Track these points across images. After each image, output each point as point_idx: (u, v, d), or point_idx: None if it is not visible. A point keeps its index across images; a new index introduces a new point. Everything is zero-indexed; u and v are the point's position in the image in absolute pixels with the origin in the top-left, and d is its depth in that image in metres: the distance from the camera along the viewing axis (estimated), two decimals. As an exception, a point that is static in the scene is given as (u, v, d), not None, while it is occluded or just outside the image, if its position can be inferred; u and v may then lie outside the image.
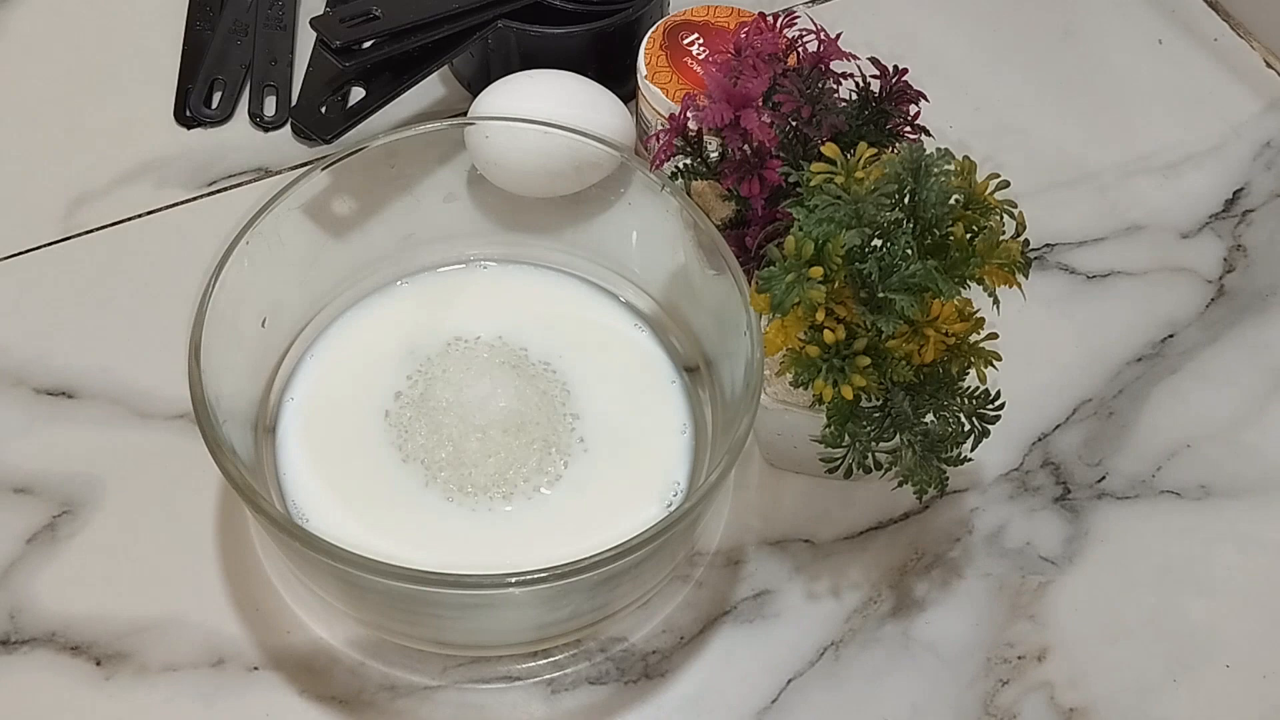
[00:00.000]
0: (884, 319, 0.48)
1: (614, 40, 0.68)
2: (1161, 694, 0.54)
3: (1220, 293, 0.67)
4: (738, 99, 0.54)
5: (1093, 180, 0.71)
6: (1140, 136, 0.73)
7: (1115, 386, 0.63)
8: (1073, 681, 0.55)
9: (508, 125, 0.61)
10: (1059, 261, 0.68)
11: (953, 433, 0.51)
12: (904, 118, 0.56)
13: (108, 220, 0.67)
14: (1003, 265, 0.48)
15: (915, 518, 0.59)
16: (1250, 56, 0.77)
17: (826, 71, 0.55)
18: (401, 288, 0.62)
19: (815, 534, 0.58)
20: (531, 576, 0.47)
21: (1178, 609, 0.57)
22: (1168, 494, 0.60)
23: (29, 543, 0.56)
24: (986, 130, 0.72)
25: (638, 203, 0.60)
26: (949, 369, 0.51)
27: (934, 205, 0.48)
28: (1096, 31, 0.78)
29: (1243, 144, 0.73)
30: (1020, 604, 0.56)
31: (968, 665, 0.55)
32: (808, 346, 0.49)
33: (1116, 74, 0.76)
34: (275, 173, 0.69)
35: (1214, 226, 0.69)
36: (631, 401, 0.59)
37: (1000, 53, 0.77)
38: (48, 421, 0.60)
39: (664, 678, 0.54)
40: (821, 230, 0.47)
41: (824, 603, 0.56)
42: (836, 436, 0.51)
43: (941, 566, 0.57)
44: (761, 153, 0.54)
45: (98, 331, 0.63)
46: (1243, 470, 0.61)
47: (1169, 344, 0.65)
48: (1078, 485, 0.60)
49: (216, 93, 0.72)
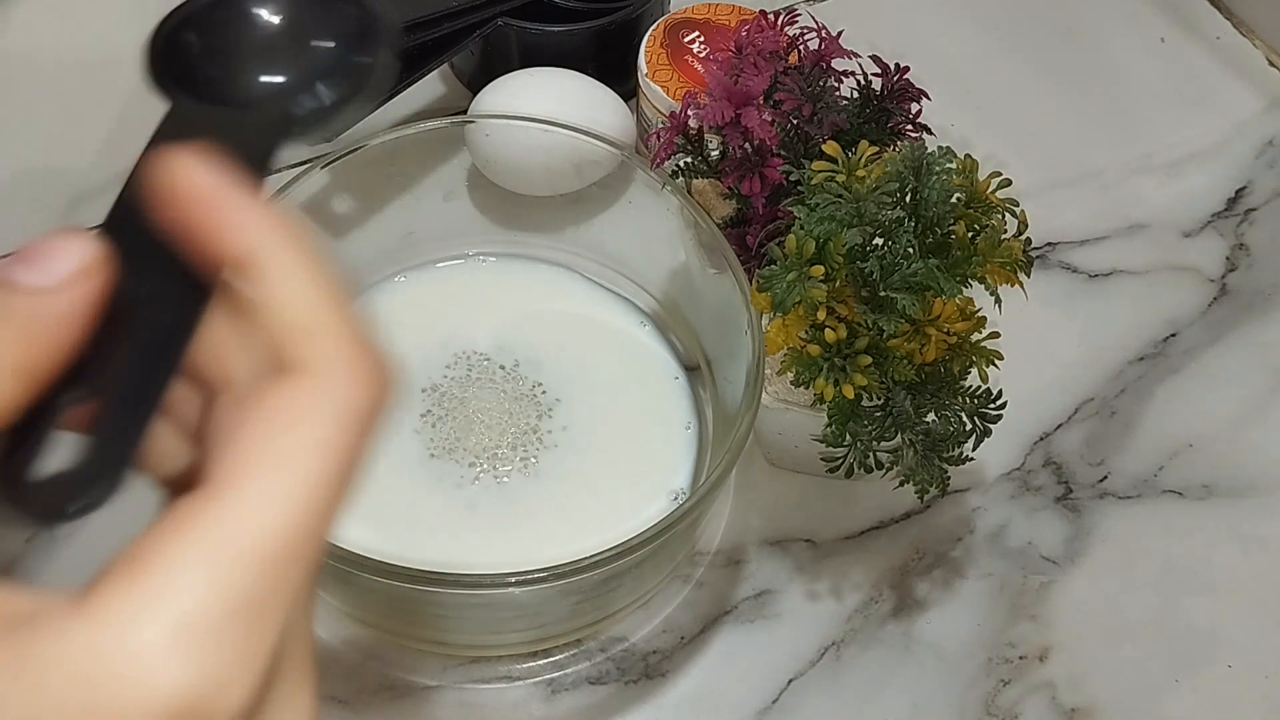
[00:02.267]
0: (885, 318, 0.48)
1: (615, 38, 0.68)
2: (1163, 694, 0.54)
3: (1223, 292, 0.67)
4: (739, 97, 0.53)
5: (1095, 179, 0.71)
6: (1142, 135, 0.73)
7: (1117, 386, 0.63)
8: (1074, 681, 0.54)
9: (508, 123, 0.61)
10: (1061, 260, 0.67)
11: (954, 432, 0.51)
12: (905, 116, 0.56)
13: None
14: (1004, 264, 0.48)
15: (916, 517, 0.59)
16: (1253, 55, 0.77)
17: (828, 69, 0.55)
18: (400, 283, 0.62)
19: (816, 533, 0.58)
20: (531, 576, 0.47)
21: (1180, 609, 0.57)
22: (1170, 494, 0.60)
23: (28, 542, 0.56)
24: (988, 128, 0.72)
25: (638, 201, 0.60)
26: (950, 368, 0.51)
27: (936, 204, 0.48)
28: (1099, 29, 0.78)
29: (1245, 142, 0.73)
30: (1022, 604, 0.56)
31: (969, 665, 0.55)
32: (809, 345, 0.49)
33: (1119, 72, 0.76)
34: (274, 171, 0.69)
35: (1216, 225, 0.69)
36: (634, 399, 0.59)
37: (1002, 51, 0.77)
38: (47, 420, 0.60)
39: (664, 678, 0.54)
40: (823, 229, 0.47)
41: (825, 602, 0.56)
42: (838, 436, 0.50)
43: (943, 566, 0.57)
44: (762, 151, 0.54)
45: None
46: (1245, 470, 0.61)
47: (1171, 343, 0.65)
48: (1080, 485, 0.60)
49: (216, 91, 0.72)
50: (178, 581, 0.22)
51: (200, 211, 0.25)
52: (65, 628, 0.22)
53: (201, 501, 0.23)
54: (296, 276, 0.25)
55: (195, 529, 0.23)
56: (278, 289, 0.25)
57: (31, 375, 0.24)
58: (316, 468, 0.24)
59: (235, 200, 0.25)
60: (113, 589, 0.22)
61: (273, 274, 0.25)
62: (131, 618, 0.22)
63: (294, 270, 0.25)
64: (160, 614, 0.22)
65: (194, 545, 0.22)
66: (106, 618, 0.22)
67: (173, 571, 0.22)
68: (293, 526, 0.23)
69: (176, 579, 0.22)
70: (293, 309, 0.25)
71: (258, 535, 0.23)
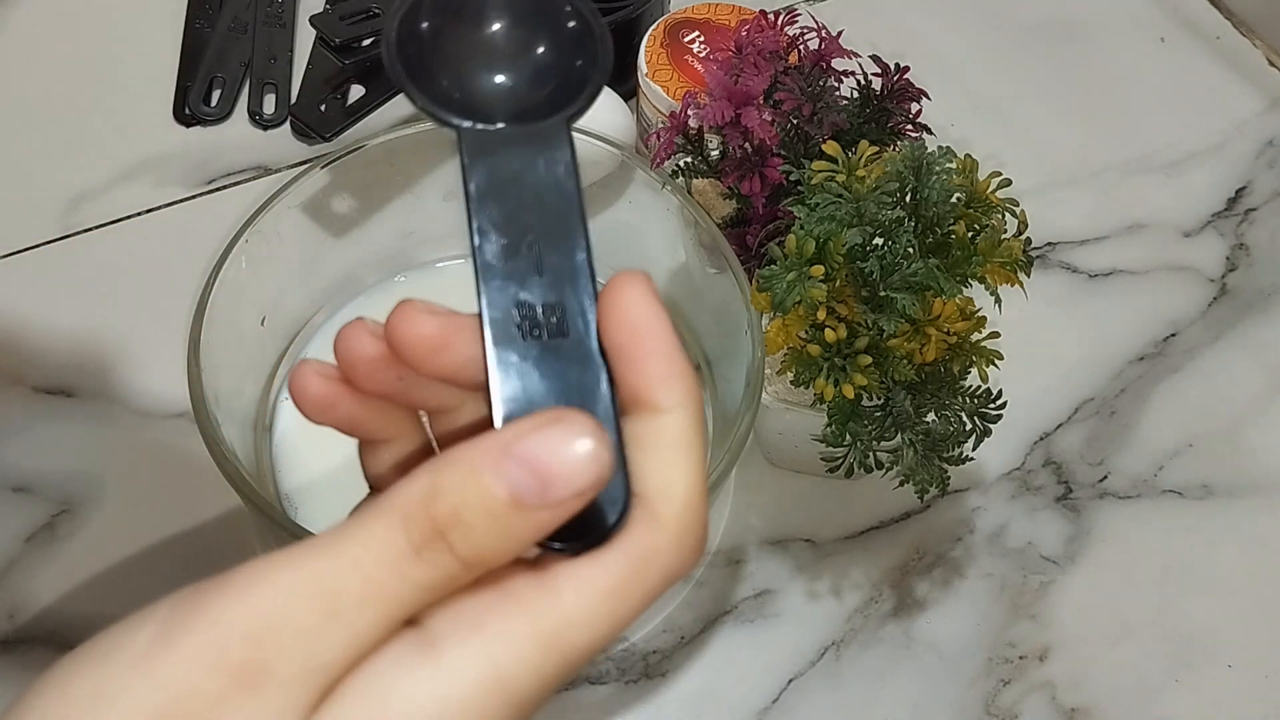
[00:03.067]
0: (885, 318, 0.48)
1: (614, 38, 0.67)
2: (1163, 694, 0.54)
3: (1223, 291, 0.67)
4: (739, 97, 0.53)
5: (1095, 179, 0.71)
6: (1142, 135, 0.73)
7: (1117, 386, 0.63)
8: (1074, 681, 0.54)
9: (508, 123, 0.61)
10: (1061, 260, 0.67)
11: (954, 432, 0.51)
12: (905, 116, 0.55)
13: (107, 218, 0.67)
14: (1004, 264, 0.48)
15: (916, 517, 0.58)
16: (1253, 55, 0.77)
17: (828, 69, 0.55)
18: (400, 283, 0.62)
19: (816, 533, 0.58)
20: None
21: (1179, 609, 0.57)
22: (1170, 493, 0.60)
23: (28, 542, 0.56)
24: (988, 128, 0.72)
25: (638, 201, 0.60)
26: (950, 368, 0.51)
27: (936, 203, 0.48)
28: (1099, 29, 0.78)
29: (1245, 142, 0.73)
30: (1022, 604, 0.56)
31: (969, 665, 0.55)
32: (809, 345, 0.49)
33: (1119, 72, 0.76)
34: (274, 170, 0.69)
35: (1216, 225, 0.69)
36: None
37: (1002, 50, 0.77)
38: (47, 420, 0.60)
39: (664, 677, 0.54)
40: (823, 228, 0.47)
41: (825, 602, 0.56)
42: (838, 436, 0.50)
43: (943, 566, 0.57)
44: (762, 151, 0.54)
45: (96, 330, 0.63)
46: (1245, 470, 0.61)
47: (1171, 343, 0.65)
48: (1079, 485, 0.60)
49: (216, 91, 0.72)
50: (507, 652, 0.25)
51: (644, 344, 0.28)
52: (418, 675, 0.25)
53: (540, 593, 0.26)
54: (692, 438, 0.28)
55: (533, 614, 0.26)
56: (667, 439, 0.27)
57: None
58: (630, 611, 0.27)
59: (672, 346, 0.28)
60: (453, 643, 0.25)
61: (669, 430, 0.27)
62: (468, 677, 0.25)
63: (691, 429, 0.28)
64: (489, 678, 0.25)
65: (529, 627, 0.26)
66: (450, 667, 0.25)
67: (508, 642, 0.25)
68: (596, 645, 0.26)
69: (508, 651, 0.25)
70: (671, 466, 0.27)
71: (571, 635, 0.26)
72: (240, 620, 0.24)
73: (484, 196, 0.28)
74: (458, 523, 0.25)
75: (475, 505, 0.25)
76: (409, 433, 0.32)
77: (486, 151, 0.28)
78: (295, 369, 0.30)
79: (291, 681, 0.24)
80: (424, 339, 0.28)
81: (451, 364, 0.28)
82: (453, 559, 0.25)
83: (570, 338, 0.27)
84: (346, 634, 0.25)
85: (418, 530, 0.25)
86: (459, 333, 0.28)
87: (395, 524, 0.25)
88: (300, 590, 0.25)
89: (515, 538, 0.25)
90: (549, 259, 0.28)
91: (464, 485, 0.25)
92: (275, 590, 0.25)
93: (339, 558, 0.25)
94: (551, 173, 0.28)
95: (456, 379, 0.29)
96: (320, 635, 0.24)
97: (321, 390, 0.30)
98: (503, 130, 0.29)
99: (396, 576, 0.25)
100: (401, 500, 0.25)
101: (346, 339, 0.29)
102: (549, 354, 0.27)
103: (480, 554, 0.25)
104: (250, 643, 0.24)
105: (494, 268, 0.28)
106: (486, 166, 0.28)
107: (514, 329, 0.27)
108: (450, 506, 0.25)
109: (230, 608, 0.24)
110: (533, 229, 0.28)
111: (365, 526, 0.25)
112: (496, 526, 0.25)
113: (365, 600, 0.25)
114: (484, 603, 0.26)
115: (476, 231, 0.28)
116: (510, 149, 0.28)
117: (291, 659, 0.24)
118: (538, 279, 0.28)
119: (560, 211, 0.28)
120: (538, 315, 0.28)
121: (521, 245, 0.28)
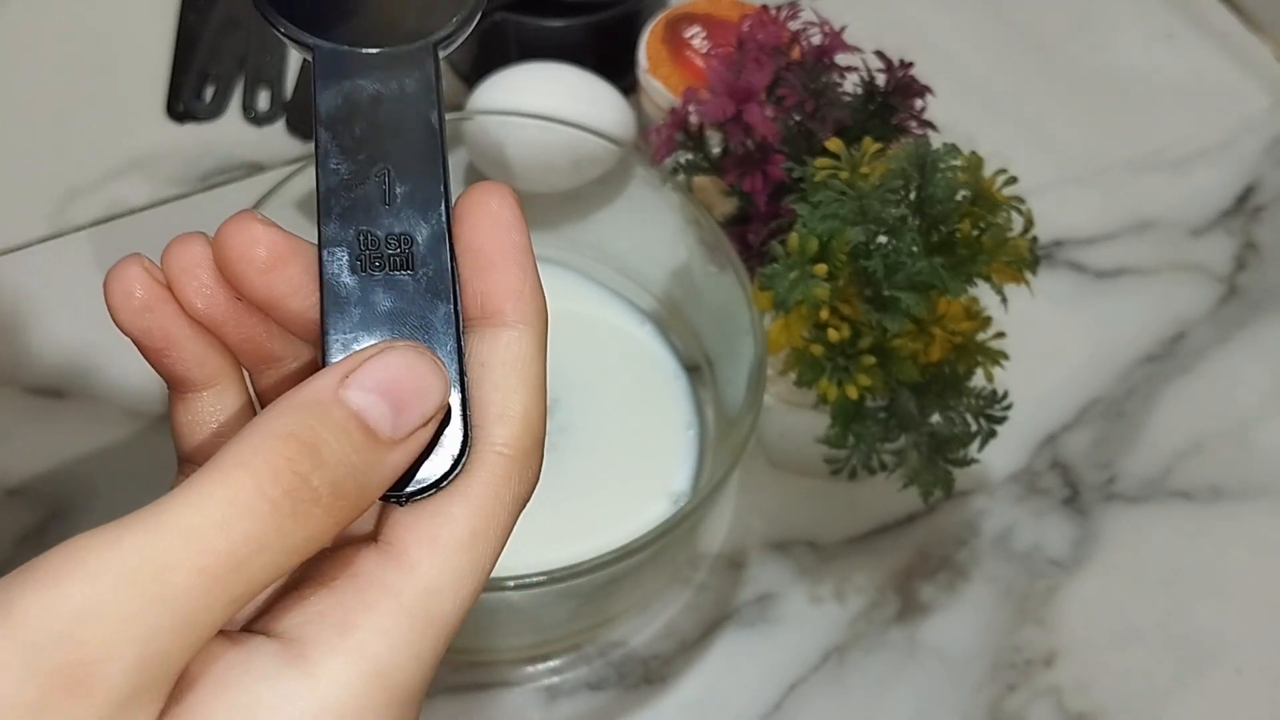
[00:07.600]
0: (889, 317, 0.47)
1: (614, 32, 0.67)
2: (1171, 699, 0.54)
3: (1231, 291, 0.66)
4: (740, 93, 0.53)
5: (1102, 176, 0.71)
6: (1150, 132, 0.73)
7: (1125, 386, 0.63)
8: (1081, 686, 0.54)
9: (506, 119, 0.61)
10: (1068, 259, 0.67)
11: (959, 433, 0.51)
12: (910, 112, 0.55)
13: (99, 216, 0.66)
14: (1010, 262, 0.48)
15: (921, 520, 0.58)
16: (1261, 51, 0.76)
17: (830, 65, 0.54)
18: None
19: (819, 536, 0.57)
20: (529, 580, 0.46)
21: (1187, 613, 0.56)
22: (1178, 496, 0.59)
23: (18, 545, 0.56)
24: (994, 125, 0.72)
25: (638, 198, 0.60)
26: (955, 368, 0.51)
27: (940, 201, 0.47)
28: (1106, 25, 0.77)
29: (1254, 139, 0.72)
30: (1028, 607, 0.56)
31: (974, 670, 0.54)
32: (811, 345, 0.49)
33: (1126, 68, 0.76)
34: (269, 168, 0.68)
35: (1225, 223, 0.69)
36: (634, 400, 0.58)
37: (1008, 46, 0.76)
38: (37, 422, 0.59)
39: (665, 683, 0.54)
40: (826, 226, 0.47)
41: (828, 606, 0.56)
42: (841, 437, 0.50)
43: (948, 569, 0.57)
44: (764, 147, 0.54)
45: (88, 330, 0.62)
46: (1254, 472, 0.60)
47: (1179, 343, 0.64)
48: (1087, 487, 0.59)
49: (209, 87, 0.71)
50: (381, 644, 0.24)
51: (504, 252, 0.27)
52: (288, 689, 0.23)
53: (396, 570, 0.24)
54: (530, 356, 0.27)
55: (395, 595, 0.24)
56: (507, 358, 0.26)
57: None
58: (491, 556, 0.26)
59: (526, 260, 0.27)
60: (323, 651, 0.23)
61: (514, 342, 0.26)
62: (345, 682, 0.23)
63: (531, 348, 0.27)
64: (368, 676, 0.23)
65: (396, 611, 0.24)
66: (324, 677, 0.23)
67: (379, 635, 0.24)
68: (467, 602, 0.25)
69: (381, 643, 0.24)
70: (508, 388, 0.26)
71: (439, 604, 0.24)
72: (53, 614, 0.21)
73: (334, 120, 0.27)
74: (319, 463, 0.22)
75: (332, 443, 0.23)
76: (227, 382, 0.28)
77: (343, 74, 0.27)
78: (119, 262, 0.27)
79: (123, 680, 0.21)
80: (255, 254, 0.26)
81: (280, 288, 0.26)
82: (320, 510, 0.23)
83: (417, 272, 0.26)
84: (182, 618, 0.21)
85: (272, 481, 0.22)
86: (293, 255, 0.26)
87: (243, 480, 0.22)
88: (123, 571, 0.21)
89: (377, 477, 0.23)
90: (401, 189, 0.27)
91: (316, 424, 0.23)
92: (92, 575, 0.21)
93: (168, 529, 0.22)
94: (412, 100, 0.27)
95: (285, 309, 0.26)
96: (152, 623, 0.21)
97: (145, 287, 0.26)
98: (362, 53, 0.28)
99: (247, 542, 0.22)
100: (245, 452, 0.22)
101: (175, 242, 0.26)
102: (390, 289, 0.26)
103: (345, 501, 0.23)
104: (67, 640, 0.21)
105: (337, 194, 0.26)
106: (340, 89, 0.27)
107: (355, 259, 0.26)
108: (303, 446, 0.22)
109: (39, 600, 0.21)
110: (386, 157, 0.27)
111: (202, 489, 0.22)
112: (360, 462, 0.23)
113: (204, 574, 0.22)
114: (341, 598, 0.24)
115: (321, 155, 0.27)
116: (369, 72, 0.27)
117: (120, 654, 0.21)
118: (385, 209, 0.26)
119: (417, 141, 0.27)
120: (381, 247, 0.26)
121: (370, 174, 0.27)
